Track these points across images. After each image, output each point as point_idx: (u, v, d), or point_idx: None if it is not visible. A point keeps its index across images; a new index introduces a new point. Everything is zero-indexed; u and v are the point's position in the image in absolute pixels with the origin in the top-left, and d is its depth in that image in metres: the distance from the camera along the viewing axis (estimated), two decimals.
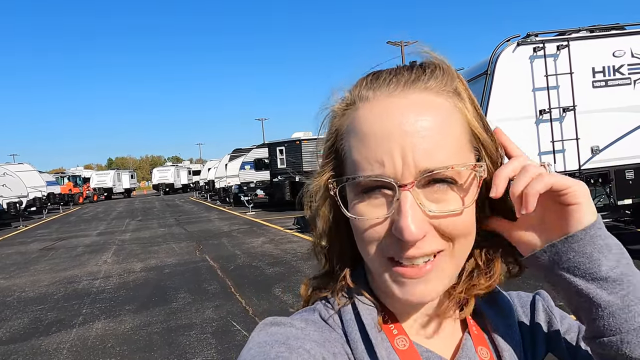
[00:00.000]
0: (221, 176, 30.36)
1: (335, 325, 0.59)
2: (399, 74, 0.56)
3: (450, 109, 0.54)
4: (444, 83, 0.55)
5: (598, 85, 6.95)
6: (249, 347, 0.53)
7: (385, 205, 0.53)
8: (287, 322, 0.57)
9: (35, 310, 7.05)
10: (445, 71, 0.57)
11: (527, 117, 6.89)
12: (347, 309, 0.59)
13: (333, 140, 0.59)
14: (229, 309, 6.34)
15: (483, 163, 0.55)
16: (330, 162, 0.60)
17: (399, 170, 0.51)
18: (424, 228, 0.51)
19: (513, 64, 6.95)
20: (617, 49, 6.95)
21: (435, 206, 0.52)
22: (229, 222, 18.25)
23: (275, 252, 10.47)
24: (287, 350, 0.51)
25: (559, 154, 6.88)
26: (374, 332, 0.57)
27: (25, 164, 31.88)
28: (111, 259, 11.32)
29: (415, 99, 0.54)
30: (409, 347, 0.57)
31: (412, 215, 0.50)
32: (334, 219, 0.61)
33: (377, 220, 0.53)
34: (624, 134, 6.89)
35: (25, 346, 5.51)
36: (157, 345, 5.21)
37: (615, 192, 6.92)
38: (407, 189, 0.51)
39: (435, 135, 0.52)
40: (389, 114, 0.53)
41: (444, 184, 0.52)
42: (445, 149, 0.52)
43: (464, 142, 0.54)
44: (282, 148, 20.68)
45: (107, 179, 51.94)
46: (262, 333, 0.55)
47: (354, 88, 0.58)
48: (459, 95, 0.56)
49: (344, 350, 0.56)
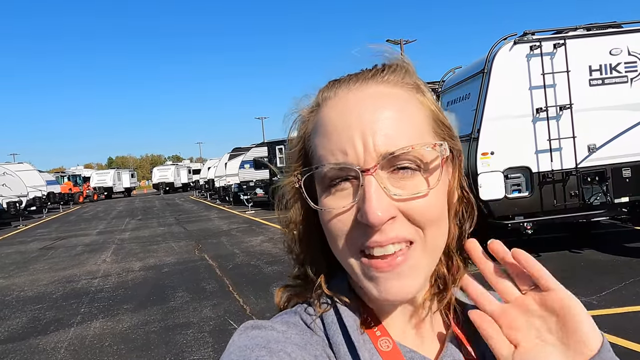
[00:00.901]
0: (221, 175, 30.35)
1: (317, 328, 0.58)
2: (359, 73, 0.58)
3: (408, 99, 0.56)
4: (402, 77, 0.57)
5: (595, 83, 6.95)
6: (230, 352, 0.53)
7: (351, 195, 0.53)
8: (267, 325, 0.57)
9: (33, 310, 7.07)
10: (403, 68, 0.58)
11: (524, 115, 6.89)
12: (329, 312, 0.59)
13: (302, 144, 0.61)
14: (227, 307, 6.36)
15: (444, 142, 0.56)
16: (299, 165, 0.61)
17: (360, 157, 0.51)
18: (390, 211, 0.51)
19: (510, 62, 6.95)
20: (614, 47, 6.94)
21: (400, 190, 0.52)
22: (228, 221, 18.27)
23: (274, 250, 10.49)
24: (268, 354, 0.51)
25: (556, 152, 6.88)
26: (357, 335, 0.56)
27: (25, 164, 31.94)
28: (110, 258, 11.34)
29: (373, 91, 0.55)
30: (392, 349, 0.57)
31: (377, 199, 0.50)
32: (304, 220, 0.62)
33: (343, 209, 0.53)
34: (621, 132, 6.89)
35: (23, 345, 5.53)
36: (154, 344, 5.22)
37: (612, 190, 6.92)
38: (370, 173, 0.51)
39: (394, 121, 0.53)
40: (348, 107, 0.54)
41: (408, 170, 0.53)
42: (406, 133, 0.53)
43: (426, 128, 0.55)
44: (281, 147, 20.69)
45: (107, 178, 51.96)
46: (242, 336, 0.55)
47: (319, 92, 0.60)
48: (419, 88, 0.58)
49: (325, 354, 0.55)
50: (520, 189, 6.94)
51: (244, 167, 24.74)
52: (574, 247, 7.95)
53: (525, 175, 6.94)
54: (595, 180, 6.94)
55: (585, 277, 6.25)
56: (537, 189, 6.90)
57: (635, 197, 6.97)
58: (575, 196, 6.93)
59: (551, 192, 6.93)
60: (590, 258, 7.28)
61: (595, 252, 7.58)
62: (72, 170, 52.49)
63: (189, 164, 63.91)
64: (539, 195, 6.91)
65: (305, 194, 0.56)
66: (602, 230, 9.29)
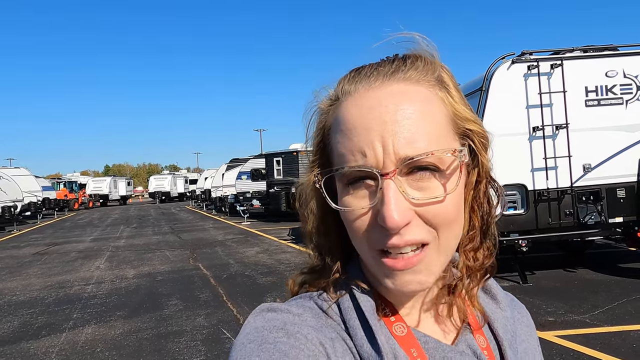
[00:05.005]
0: (218, 185, 30.37)
1: (333, 312, 0.59)
2: (379, 66, 0.57)
3: (430, 98, 0.55)
4: (424, 73, 0.56)
5: (591, 104, 7.05)
6: (246, 332, 0.53)
7: (369, 196, 0.53)
8: (283, 308, 0.57)
9: (25, 314, 7.02)
10: (426, 61, 0.58)
11: (520, 133, 6.97)
12: (344, 297, 0.59)
13: (320, 137, 0.61)
14: (220, 317, 6.33)
15: (464, 148, 0.56)
16: (318, 158, 0.61)
17: (380, 160, 0.52)
18: (408, 215, 0.51)
19: (507, 81, 7.04)
20: (609, 69, 7.06)
21: (418, 193, 0.52)
22: (223, 231, 18.22)
23: (269, 261, 10.47)
24: (285, 336, 0.52)
25: (552, 171, 6.95)
26: (373, 319, 0.56)
27: (22, 169, 31.90)
28: (104, 265, 11.28)
29: (394, 89, 0.55)
30: (406, 334, 0.58)
31: (395, 203, 0.50)
32: (323, 213, 0.62)
33: (362, 211, 0.54)
34: (616, 153, 6.97)
35: (14, 349, 5.48)
36: (146, 352, 5.19)
37: (607, 210, 6.98)
38: (389, 177, 0.51)
39: (414, 123, 0.52)
40: (369, 106, 0.54)
41: (426, 172, 0.53)
42: (426, 136, 0.52)
43: (446, 129, 0.55)
44: (279, 159, 20.75)
45: (103, 186, 51.83)
46: (258, 318, 0.55)
47: (338, 84, 0.60)
48: (442, 83, 0.57)
49: (340, 337, 0.56)
50: (515, 206, 6.99)
51: (241, 178, 24.77)
52: (569, 265, 7.98)
53: (521, 193, 7.00)
54: (590, 200, 6.99)
55: (578, 295, 6.27)
56: (533, 206, 6.95)
57: (629, 217, 7.03)
58: (570, 215, 6.97)
59: (546, 210, 6.98)
60: (584, 277, 7.31)
61: (589, 271, 7.61)
62: (68, 177, 52.35)
63: (186, 174, 63.85)
64: (534, 213, 6.96)
65: (325, 193, 0.57)
66: (596, 250, 9.35)
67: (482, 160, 0.60)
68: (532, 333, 0.71)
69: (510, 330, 0.65)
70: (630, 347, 4.52)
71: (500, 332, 0.63)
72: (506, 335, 0.63)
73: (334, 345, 0.54)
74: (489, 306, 0.66)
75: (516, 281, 6.97)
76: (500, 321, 0.64)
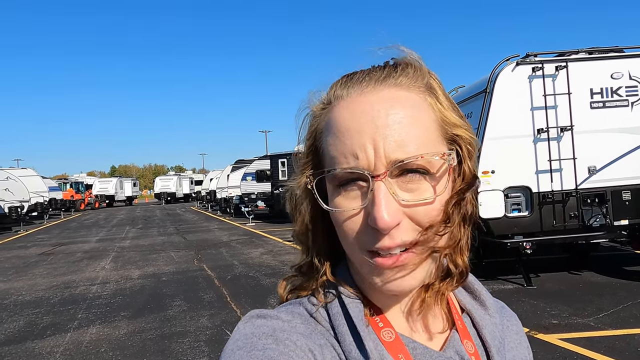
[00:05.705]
0: (223, 186, 30.42)
1: (322, 318, 0.59)
2: (371, 72, 0.59)
3: (420, 103, 0.57)
4: (414, 79, 0.58)
5: (596, 106, 7.02)
6: (235, 339, 0.54)
7: (360, 197, 0.54)
8: (273, 314, 0.58)
9: (31, 314, 7.07)
10: (416, 68, 0.59)
11: (525, 135, 6.95)
12: (333, 303, 0.60)
13: (312, 140, 0.62)
14: (224, 317, 6.36)
15: (452, 152, 0.57)
16: (310, 161, 0.62)
17: (371, 162, 0.53)
18: (398, 216, 0.52)
19: (512, 83, 7.03)
20: (615, 71, 7.02)
21: (408, 195, 0.53)
22: (228, 232, 18.27)
23: (273, 263, 10.49)
24: (274, 342, 0.52)
25: (556, 173, 6.92)
26: (362, 325, 0.57)
27: (29, 169, 32.13)
28: (109, 266, 11.34)
29: (385, 94, 0.56)
30: (394, 339, 0.58)
31: (386, 204, 0.51)
32: (313, 215, 0.63)
33: (353, 212, 0.55)
34: (621, 155, 6.93)
35: (20, 349, 5.53)
36: (150, 352, 5.22)
37: (612, 213, 6.94)
38: (380, 179, 0.52)
39: (405, 127, 0.54)
40: (361, 110, 0.55)
41: (416, 174, 0.54)
42: (416, 140, 0.53)
43: (435, 134, 0.56)
44: (284, 160, 20.79)
45: (110, 187, 52.12)
46: (248, 325, 0.56)
47: (330, 88, 0.61)
48: (431, 89, 0.59)
49: (329, 343, 0.57)
50: (520, 208, 6.97)
51: (246, 179, 24.82)
52: (573, 268, 7.94)
53: (526, 195, 6.98)
54: (595, 202, 6.96)
55: (583, 298, 6.23)
56: (537, 209, 6.93)
57: (635, 220, 6.99)
58: (574, 217, 6.94)
59: (551, 213, 6.96)
60: (589, 280, 7.27)
61: (594, 274, 7.57)
62: (74, 177, 52.66)
63: (192, 175, 64.09)
64: (538, 215, 6.94)
65: (317, 194, 0.58)
66: (601, 253, 9.29)
67: (465, 168, 0.60)
68: (522, 341, 0.70)
69: (499, 337, 0.65)
70: (635, 350, 4.49)
71: (489, 338, 0.63)
72: (494, 342, 0.63)
73: (322, 352, 0.55)
74: (478, 312, 0.66)
75: (520, 283, 6.96)
76: (488, 327, 0.64)
